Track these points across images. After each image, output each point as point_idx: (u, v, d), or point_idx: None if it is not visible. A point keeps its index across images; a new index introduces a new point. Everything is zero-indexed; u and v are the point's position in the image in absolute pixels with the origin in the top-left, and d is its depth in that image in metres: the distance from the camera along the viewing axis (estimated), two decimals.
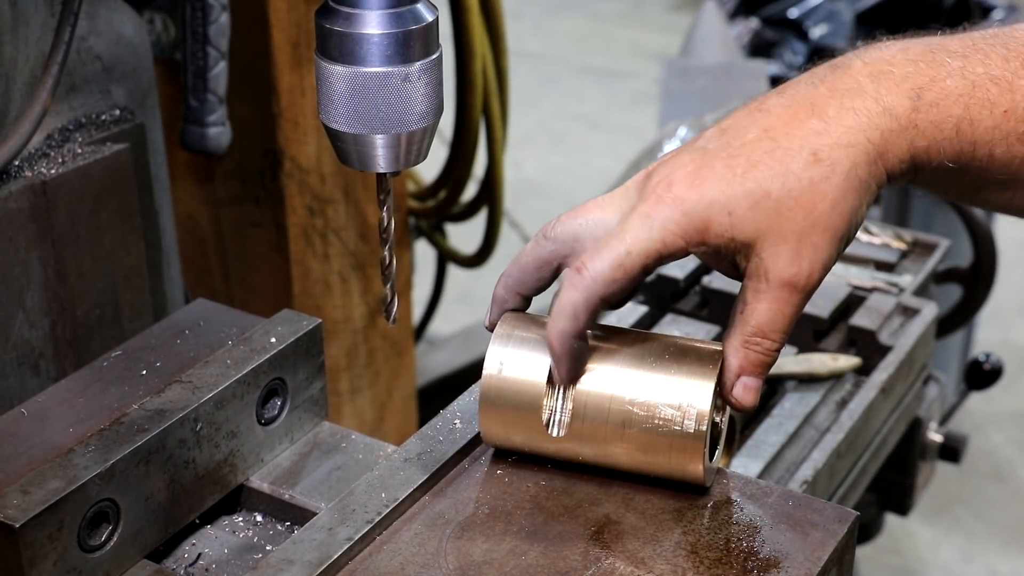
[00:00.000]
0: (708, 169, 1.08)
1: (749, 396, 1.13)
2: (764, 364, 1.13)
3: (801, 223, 1.08)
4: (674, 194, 1.08)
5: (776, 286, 1.09)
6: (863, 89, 1.09)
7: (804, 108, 1.09)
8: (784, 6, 4.14)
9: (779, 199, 1.07)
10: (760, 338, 1.11)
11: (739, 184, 1.07)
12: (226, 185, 2.18)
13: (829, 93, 1.09)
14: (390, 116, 1.13)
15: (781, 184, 1.07)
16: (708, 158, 1.09)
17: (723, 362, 1.14)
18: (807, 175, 1.07)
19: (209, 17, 1.80)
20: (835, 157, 1.07)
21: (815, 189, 1.07)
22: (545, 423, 1.17)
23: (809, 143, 1.08)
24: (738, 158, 1.08)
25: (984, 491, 3.68)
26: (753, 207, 1.07)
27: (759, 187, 1.07)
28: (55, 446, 1.19)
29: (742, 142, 1.09)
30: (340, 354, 2.29)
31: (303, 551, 1.09)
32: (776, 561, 1.09)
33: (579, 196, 4.81)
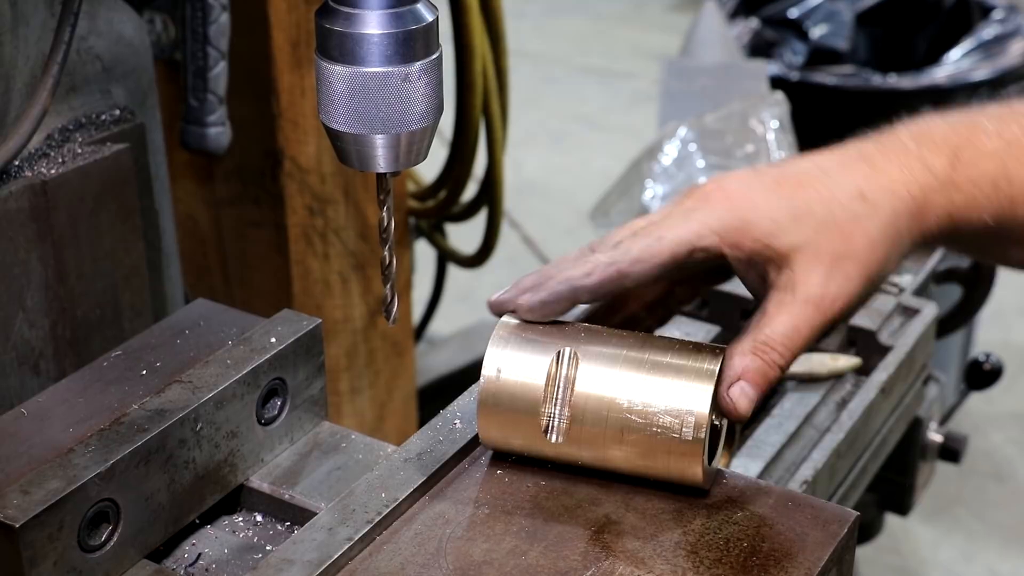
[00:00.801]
0: (758, 180, 1.13)
1: (743, 402, 1.13)
2: (766, 375, 1.13)
3: (839, 247, 1.10)
4: (721, 194, 1.13)
5: (801, 301, 1.11)
6: (906, 147, 1.14)
7: (853, 156, 1.15)
8: (784, 6, 4.14)
9: (822, 220, 1.11)
10: (770, 348, 1.12)
11: (786, 198, 1.11)
12: (226, 185, 2.18)
13: (876, 148, 1.15)
14: (390, 116, 1.13)
15: (826, 208, 1.11)
16: (759, 174, 1.14)
17: (724, 363, 1.14)
18: (851, 208, 1.11)
19: (209, 17, 1.80)
20: (879, 200, 1.11)
21: (857, 222, 1.11)
22: (543, 428, 1.17)
23: (857, 182, 1.12)
24: (788, 178, 1.13)
25: (984, 491, 3.67)
26: (796, 220, 1.11)
27: (805, 204, 1.11)
28: (55, 446, 1.19)
29: (795, 169, 1.15)
30: (340, 354, 2.29)
31: (303, 551, 1.09)
32: (776, 561, 1.09)
33: (579, 196, 4.81)
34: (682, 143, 2.56)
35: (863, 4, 4.22)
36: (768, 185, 1.13)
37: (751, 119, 2.62)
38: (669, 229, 1.13)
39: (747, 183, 1.14)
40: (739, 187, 1.13)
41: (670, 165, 2.51)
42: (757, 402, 1.14)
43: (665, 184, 2.48)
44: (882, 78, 3.75)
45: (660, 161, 2.53)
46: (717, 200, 1.13)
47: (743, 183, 1.14)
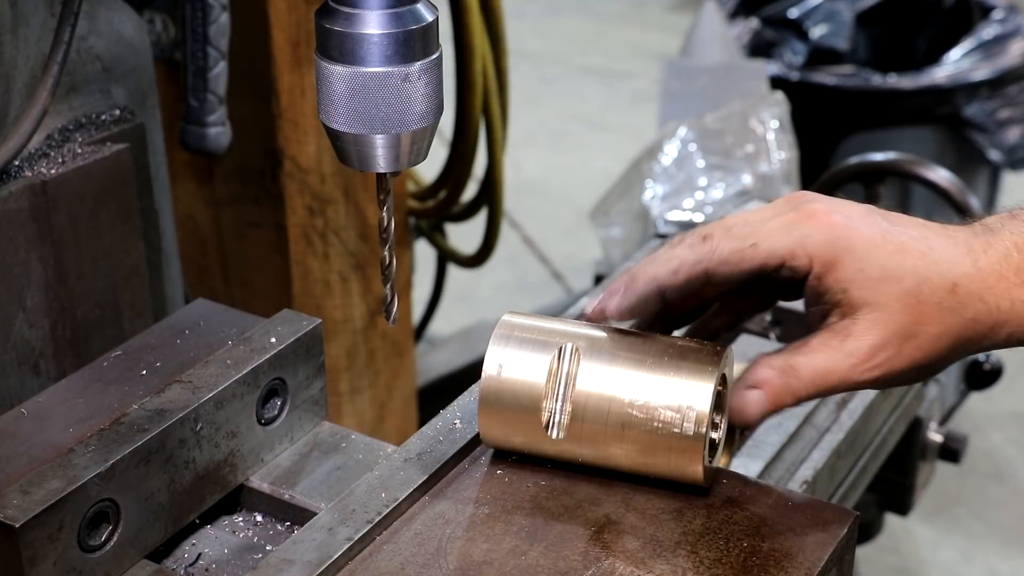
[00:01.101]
0: (865, 224, 1.11)
1: (754, 408, 1.13)
2: (781, 397, 1.13)
3: (908, 326, 1.09)
4: (828, 219, 1.10)
5: (846, 353, 1.10)
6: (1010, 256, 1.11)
7: (962, 244, 1.11)
8: (784, 6, 4.14)
9: (907, 291, 1.09)
10: (797, 377, 1.12)
11: (883, 255, 1.09)
12: (226, 185, 2.18)
13: (983, 247, 1.11)
14: (390, 116, 1.13)
15: (916, 283, 1.09)
16: (870, 216, 1.12)
17: (749, 368, 1.14)
18: (938, 296, 1.09)
19: (209, 17, 1.80)
20: (967, 301, 1.10)
21: (938, 311, 1.09)
22: (544, 425, 1.17)
23: (955, 273, 1.10)
24: (895, 237, 1.11)
25: (984, 491, 3.67)
26: (882, 280, 1.09)
27: (899, 269, 1.09)
28: (55, 446, 1.19)
29: (904, 231, 1.11)
30: (340, 354, 2.29)
31: (303, 551, 1.09)
32: (776, 561, 1.09)
33: (579, 196, 4.81)
34: (682, 143, 2.55)
35: (863, 4, 4.22)
36: (873, 234, 1.10)
37: (751, 119, 2.62)
38: (766, 237, 1.11)
39: (855, 221, 1.11)
40: (846, 221, 1.11)
41: (670, 165, 2.51)
42: (763, 417, 1.14)
43: (665, 184, 2.47)
44: (882, 78, 3.75)
45: (660, 161, 2.53)
46: (822, 223, 1.10)
47: (851, 219, 1.11)
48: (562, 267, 4.55)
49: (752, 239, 1.11)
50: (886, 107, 3.74)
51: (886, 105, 3.73)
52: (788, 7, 4.13)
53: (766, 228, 1.11)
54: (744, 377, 1.14)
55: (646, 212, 2.44)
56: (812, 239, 1.10)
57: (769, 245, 1.10)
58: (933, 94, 3.71)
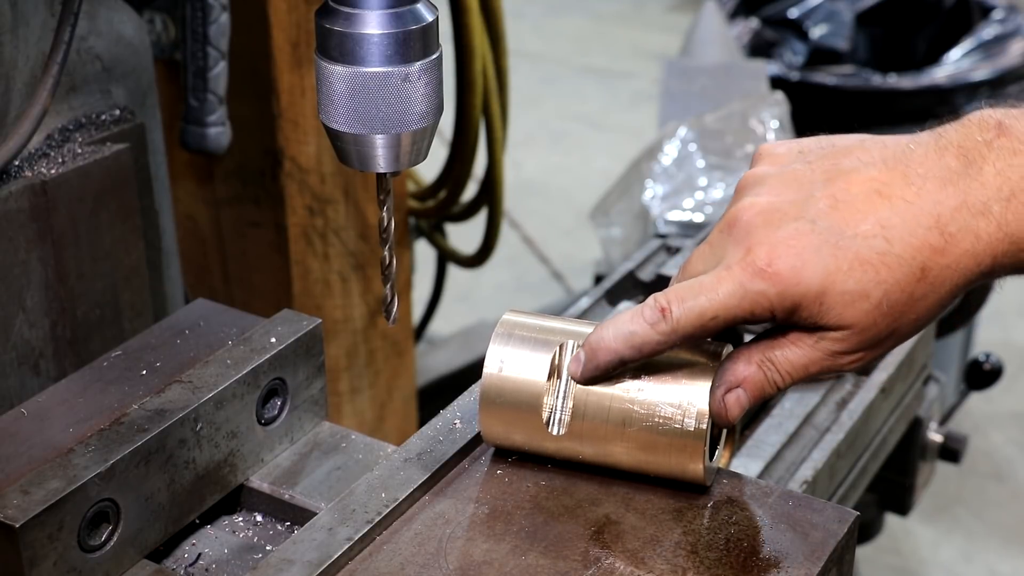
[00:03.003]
0: (814, 253, 1.06)
1: (735, 409, 1.13)
2: (763, 389, 1.12)
3: (882, 330, 1.08)
4: (774, 270, 1.06)
5: (822, 351, 1.10)
6: (989, 209, 1.04)
7: (927, 214, 1.05)
8: (784, 6, 4.14)
9: (876, 304, 1.06)
10: (775, 367, 1.11)
11: (841, 279, 1.05)
12: (226, 185, 2.18)
13: (955, 205, 1.04)
14: (390, 116, 1.13)
15: (883, 292, 1.05)
16: (815, 239, 1.06)
17: (725, 366, 1.14)
18: (910, 289, 1.05)
19: (209, 17, 1.80)
20: (942, 278, 1.05)
21: (911, 303, 1.06)
22: (545, 422, 1.17)
23: (923, 256, 1.05)
24: (847, 251, 1.05)
25: (984, 491, 3.67)
26: (848, 305, 1.06)
27: (860, 288, 1.05)
28: (55, 446, 1.19)
29: (854, 232, 1.05)
30: (340, 354, 2.29)
31: (303, 551, 1.09)
32: (776, 561, 1.09)
33: (579, 196, 4.81)
34: (682, 143, 2.55)
35: (863, 4, 4.22)
36: (824, 259, 1.05)
37: (751, 119, 2.62)
38: (724, 308, 1.07)
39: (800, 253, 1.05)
40: (791, 263, 1.05)
41: (670, 165, 2.51)
42: (746, 411, 1.14)
43: (665, 184, 2.47)
44: (882, 78, 3.75)
45: (660, 161, 2.53)
46: (769, 278, 1.06)
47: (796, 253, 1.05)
48: (562, 267, 4.55)
49: (711, 311, 1.08)
50: (886, 107, 3.74)
51: (886, 105, 3.73)
52: (788, 7, 4.13)
53: (721, 293, 1.07)
54: (722, 378, 1.13)
55: (646, 212, 2.44)
56: (766, 295, 1.07)
57: (728, 314, 1.08)
58: (933, 94, 3.71)
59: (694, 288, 1.09)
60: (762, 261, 1.06)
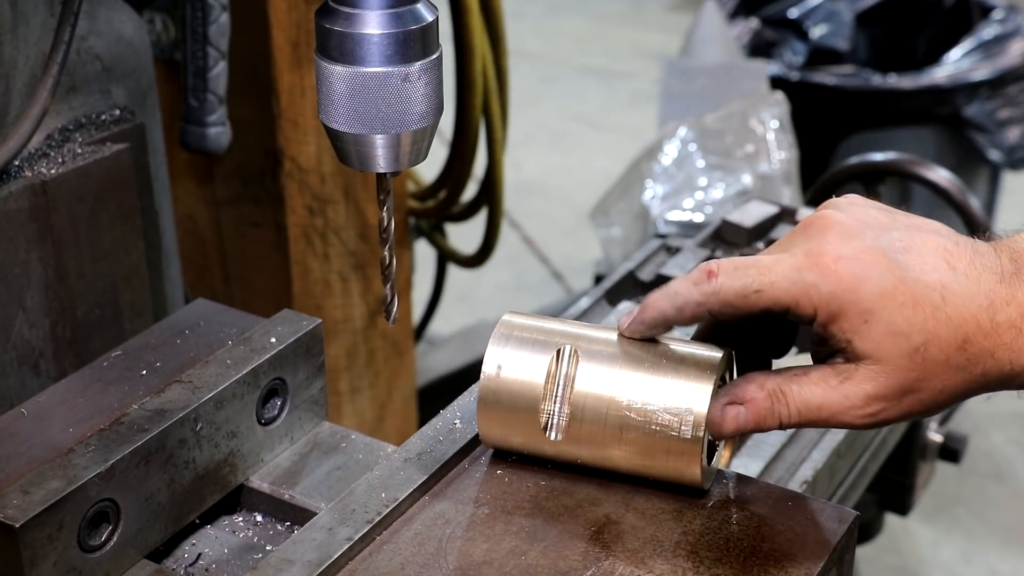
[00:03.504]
0: (877, 274, 1.07)
1: (731, 425, 1.12)
2: (764, 419, 1.12)
3: (911, 380, 1.08)
4: (835, 269, 1.07)
5: (842, 395, 1.09)
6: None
7: (982, 294, 1.08)
8: (784, 6, 4.14)
9: (913, 349, 1.07)
10: (786, 403, 1.11)
11: (892, 308, 1.07)
12: (226, 185, 2.18)
13: (1006, 298, 1.08)
14: (390, 116, 1.13)
15: (924, 341, 1.07)
16: (883, 264, 1.08)
17: (738, 380, 1.13)
18: (948, 353, 1.07)
19: (209, 17, 1.80)
20: (978, 359, 1.07)
21: (944, 369, 1.07)
22: (543, 426, 1.17)
23: (969, 328, 1.07)
24: (907, 288, 1.07)
25: (984, 491, 3.67)
26: (888, 335, 1.07)
27: (907, 325, 1.07)
28: (55, 446, 1.19)
29: (918, 278, 1.08)
30: (340, 354, 2.29)
31: (303, 551, 1.09)
32: (776, 561, 1.09)
33: (579, 196, 4.81)
34: (682, 143, 2.55)
35: (863, 4, 4.22)
36: (884, 286, 1.07)
37: (751, 119, 2.62)
38: (772, 284, 1.08)
39: (867, 270, 1.07)
40: (855, 272, 1.07)
41: (670, 165, 2.51)
42: (738, 433, 1.13)
43: (665, 184, 2.47)
44: (882, 78, 3.75)
45: (660, 161, 2.53)
46: (828, 274, 1.07)
47: (862, 269, 1.07)
48: (562, 267, 4.55)
49: (757, 284, 1.09)
50: (886, 107, 3.74)
51: (886, 105, 3.73)
52: (788, 7, 4.13)
53: (773, 273, 1.09)
54: (730, 388, 1.13)
55: (646, 212, 2.44)
56: (817, 290, 1.08)
57: (773, 293, 1.09)
58: (933, 94, 3.71)
59: (747, 262, 1.11)
60: (827, 258, 1.08)
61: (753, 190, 2.45)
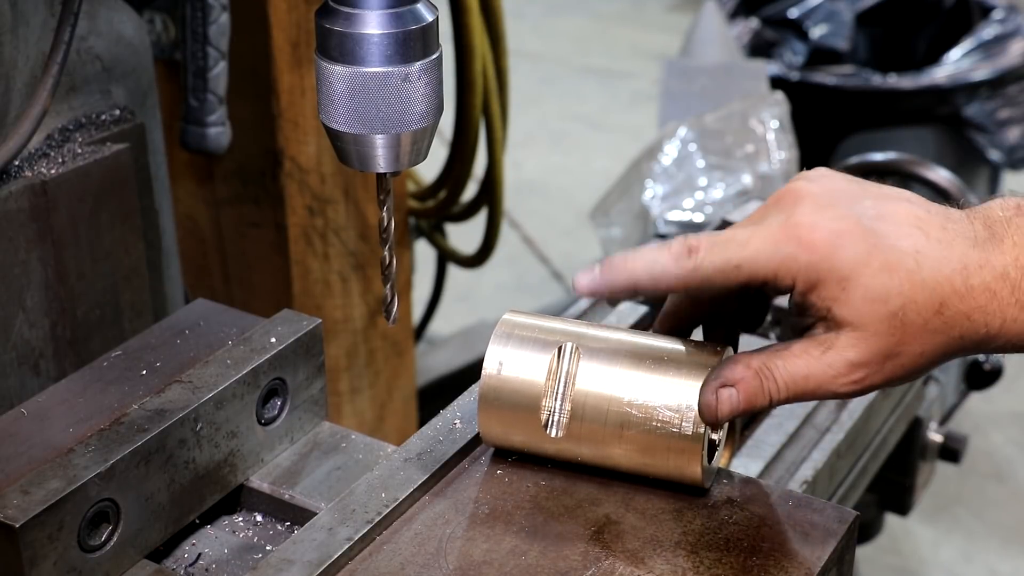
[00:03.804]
0: (852, 241, 1.09)
1: (725, 407, 1.12)
2: (756, 397, 1.12)
3: (891, 344, 1.09)
4: (811, 239, 1.09)
5: (826, 363, 1.10)
6: (1007, 274, 1.09)
7: (956, 258, 1.09)
8: (784, 6, 4.14)
9: (891, 313, 1.08)
10: (774, 379, 1.11)
11: (869, 274, 1.08)
12: (226, 185, 2.18)
13: (979, 262, 1.09)
14: (390, 116, 1.13)
15: (902, 304, 1.08)
16: (858, 231, 1.09)
17: (724, 363, 1.13)
18: (926, 317, 1.08)
19: (209, 17, 1.80)
20: (955, 322, 1.09)
21: (922, 332, 1.09)
22: (544, 423, 1.17)
23: (944, 291, 1.08)
24: (881, 253, 1.09)
25: (984, 491, 3.67)
26: (866, 300, 1.08)
27: (883, 290, 1.08)
28: (55, 446, 1.19)
29: (892, 244, 1.09)
30: (340, 354, 2.29)
31: (303, 551, 1.09)
32: (776, 561, 1.09)
33: (579, 196, 4.81)
34: (682, 143, 2.55)
35: (863, 4, 4.22)
36: (859, 252, 1.08)
37: (751, 119, 2.63)
38: (750, 258, 1.09)
39: (841, 238, 1.09)
40: (830, 239, 1.09)
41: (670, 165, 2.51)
42: (733, 416, 1.13)
43: (665, 184, 2.48)
44: (882, 78, 3.75)
45: (660, 161, 2.53)
46: (804, 244, 1.09)
47: (837, 236, 1.09)
48: (562, 267, 4.55)
49: (737, 259, 1.10)
50: (886, 107, 3.74)
51: (886, 105, 3.73)
52: (788, 7, 4.13)
53: (751, 247, 1.10)
54: (719, 373, 1.13)
55: (646, 212, 2.44)
56: (796, 260, 1.09)
57: (752, 267, 1.10)
58: (933, 94, 3.71)
59: (726, 235, 1.11)
60: (802, 229, 1.09)
61: (753, 190, 2.45)
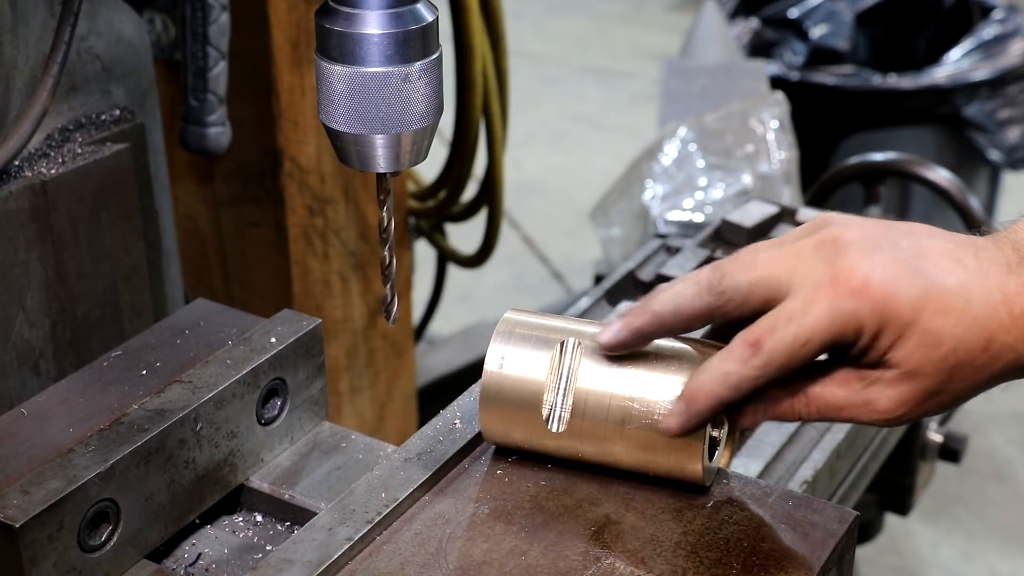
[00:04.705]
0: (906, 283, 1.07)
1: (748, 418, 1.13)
2: (783, 413, 1.12)
3: (938, 384, 1.08)
4: (868, 290, 1.06)
5: (866, 397, 1.09)
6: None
7: (998, 291, 1.07)
8: (784, 6, 4.14)
9: (943, 357, 1.07)
10: (805, 404, 1.11)
11: (927, 317, 1.06)
12: (226, 185, 2.18)
13: (1018, 290, 1.07)
14: (390, 116, 1.13)
15: (954, 348, 1.06)
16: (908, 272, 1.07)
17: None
18: (974, 355, 1.07)
19: (209, 17, 1.80)
20: (1000, 355, 1.07)
21: (971, 371, 1.07)
22: (545, 419, 1.17)
23: (992, 326, 1.07)
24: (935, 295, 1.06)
25: (984, 491, 3.67)
26: (920, 345, 1.06)
27: (938, 333, 1.06)
28: (55, 446, 1.19)
29: (940, 282, 1.07)
30: (340, 354, 2.29)
31: (303, 551, 1.09)
32: (776, 561, 1.09)
33: (579, 196, 4.81)
34: (682, 143, 2.55)
35: (863, 4, 4.22)
36: (915, 295, 1.06)
37: (751, 119, 2.63)
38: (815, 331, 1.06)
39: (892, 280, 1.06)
40: (885, 285, 1.06)
41: (670, 165, 2.51)
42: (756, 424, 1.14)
43: (665, 184, 2.47)
44: (882, 78, 3.75)
45: (660, 161, 2.53)
46: (864, 296, 1.06)
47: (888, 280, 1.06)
48: (562, 267, 4.55)
49: (803, 337, 1.07)
50: (886, 107, 3.74)
51: (886, 105, 3.73)
52: (788, 7, 4.13)
53: (811, 316, 1.07)
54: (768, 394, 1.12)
55: (646, 212, 2.44)
56: (857, 316, 1.06)
57: (819, 338, 1.07)
58: (933, 94, 3.71)
59: (783, 316, 1.08)
60: (856, 281, 1.07)
61: (753, 190, 2.45)
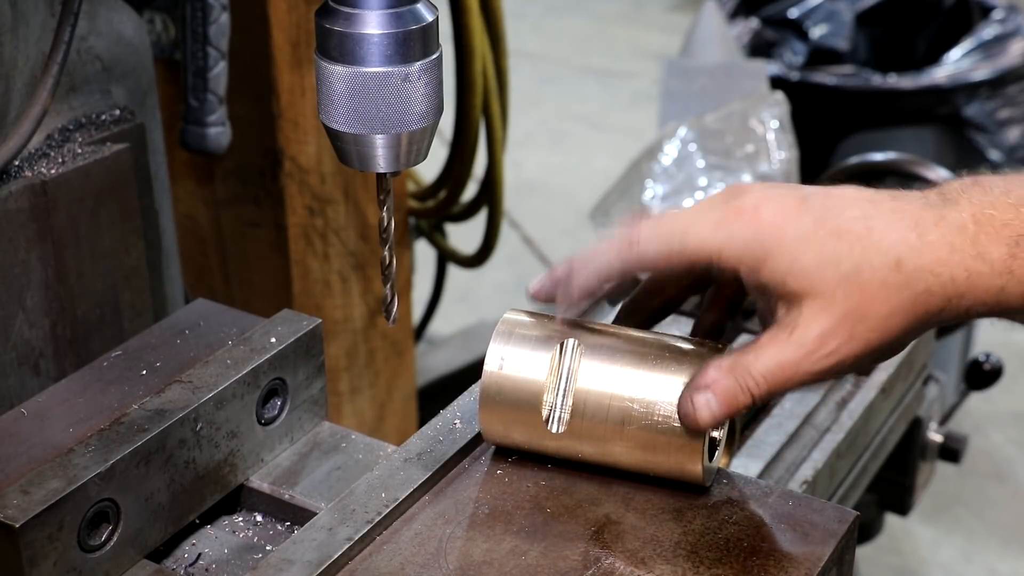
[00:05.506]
0: (796, 214, 1.09)
1: (704, 413, 1.11)
2: (736, 397, 1.11)
3: (854, 307, 1.07)
4: (757, 216, 1.09)
5: (795, 344, 1.09)
6: (965, 228, 1.07)
7: (908, 218, 1.08)
8: (784, 6, 4.14)
9: (846, 275, 1.07)
10: (749, 374, 1.10)
11: (817, 242, 1.07)
12: (226, 185, 2.18)
13: (934, 219, 1.08)
14: (390, 116, 1.13)
15: (855, 265, 1.07)
16: (802, 206, 1.09)
17: (701, 368, 1.13)
18: (882, 274, 1.07)
19: (209, 17, 1.80)
20: (916, 276, 1.07)
21: (883, 289, 1.07)
22: (545, 420, 1.17)
23: (899, 251, 1.07)
24: (828, 222, 1.08)
25: (984, 491, 3.67)
26: (818, 266, 1.07)
27: (834, 255, 1.07)
28: (55, 446, 1.19)
29: (840, 214, 1.09)
30: (340, 354, 2.29)
31: (303, 551, 1.10)
32: (776, 561, 1.09)
33: (579, 196, 4.81)
34: (682, 143, 2.56)
35: (863, 4, 4.22)
36: (804, 225, 1.08)
37: (751, 119, 2.63)
38: (692, 239, 1.10)
39: (784, 215, 1.09)
40: (773, 217, 1.09)
41: (670, 165, 2.51)
42: (716, 421, 1.12)
43: (665, 184, 2.48)
44: (882, 78, 3.75)
45: (660, 161, 2.53)
46: (748, 221, 1.09)
47: (780, 212, 1.09)
48: None
49: (677, 242, 1.10)
50: (886, 107, 3.74)
51: (886, 105, 3.73)
52: (788, 7, 4.13)
53: (694, 228, 1.10)
54: (692, 381, 1.13)
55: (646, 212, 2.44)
56: (737, 237, 1.09)
57: (694, 247, 1.10)
58: (933, 94, 3.71)
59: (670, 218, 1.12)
60: (746, 208, 1.10)
61: None
